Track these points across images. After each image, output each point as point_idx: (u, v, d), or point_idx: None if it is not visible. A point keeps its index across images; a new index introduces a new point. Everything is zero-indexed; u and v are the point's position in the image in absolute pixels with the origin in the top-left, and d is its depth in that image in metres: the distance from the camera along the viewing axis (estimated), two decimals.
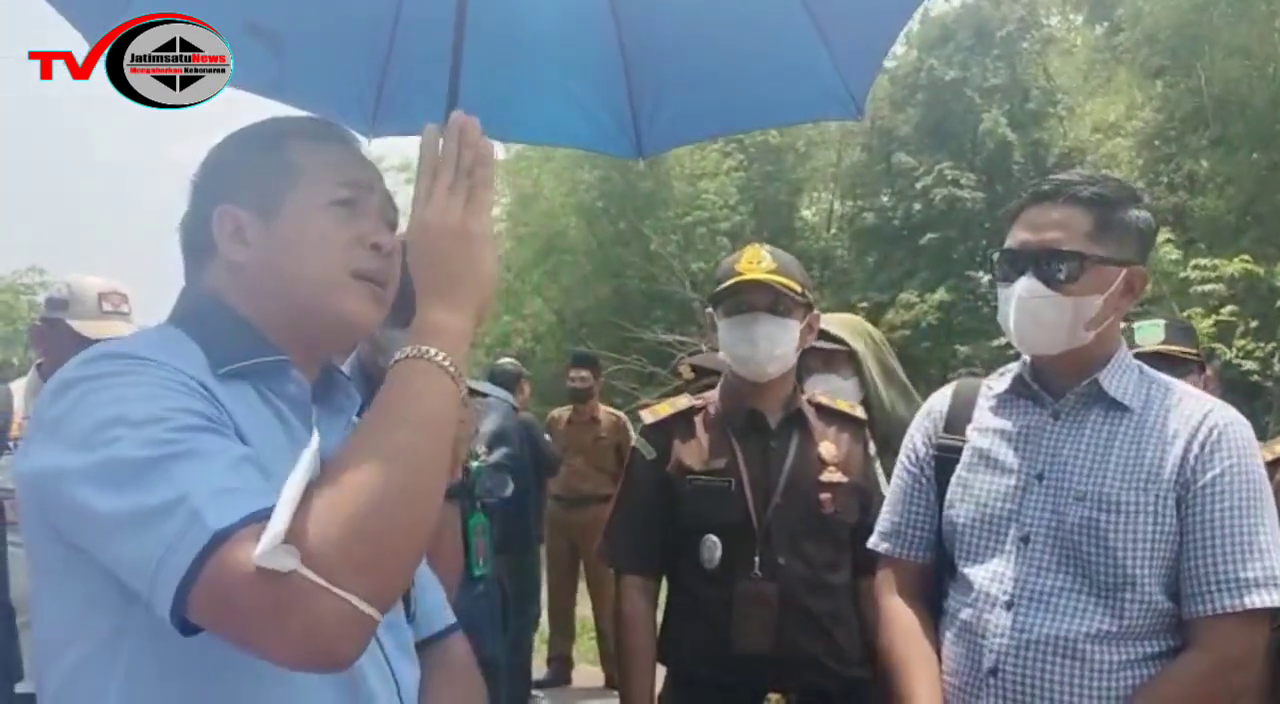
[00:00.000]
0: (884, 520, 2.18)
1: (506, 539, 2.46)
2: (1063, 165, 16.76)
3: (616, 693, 2.55)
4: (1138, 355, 2.68)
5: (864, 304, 17.91)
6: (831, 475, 2.48)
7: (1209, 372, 3.08)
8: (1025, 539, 1.90)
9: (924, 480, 2.11)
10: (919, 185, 17.85)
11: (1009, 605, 1.88)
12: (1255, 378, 11.00)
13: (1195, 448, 1.85)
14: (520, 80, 2.33)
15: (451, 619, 1.55)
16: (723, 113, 2.58)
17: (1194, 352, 3.03)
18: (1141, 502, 1.83)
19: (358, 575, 1.03)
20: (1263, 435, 2.87)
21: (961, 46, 18.71)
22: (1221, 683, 1.81)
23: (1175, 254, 12.84)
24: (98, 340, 2.90)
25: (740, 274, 2.45)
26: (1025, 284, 1.88)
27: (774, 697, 2.36)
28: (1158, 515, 1.83)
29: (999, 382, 2.09)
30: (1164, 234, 12.95)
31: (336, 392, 1.46)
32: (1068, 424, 1.95)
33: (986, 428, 2.04)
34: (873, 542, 2.20)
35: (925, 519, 2.10)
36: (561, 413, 6.96)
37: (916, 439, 2.15)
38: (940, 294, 17.03)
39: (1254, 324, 11.56)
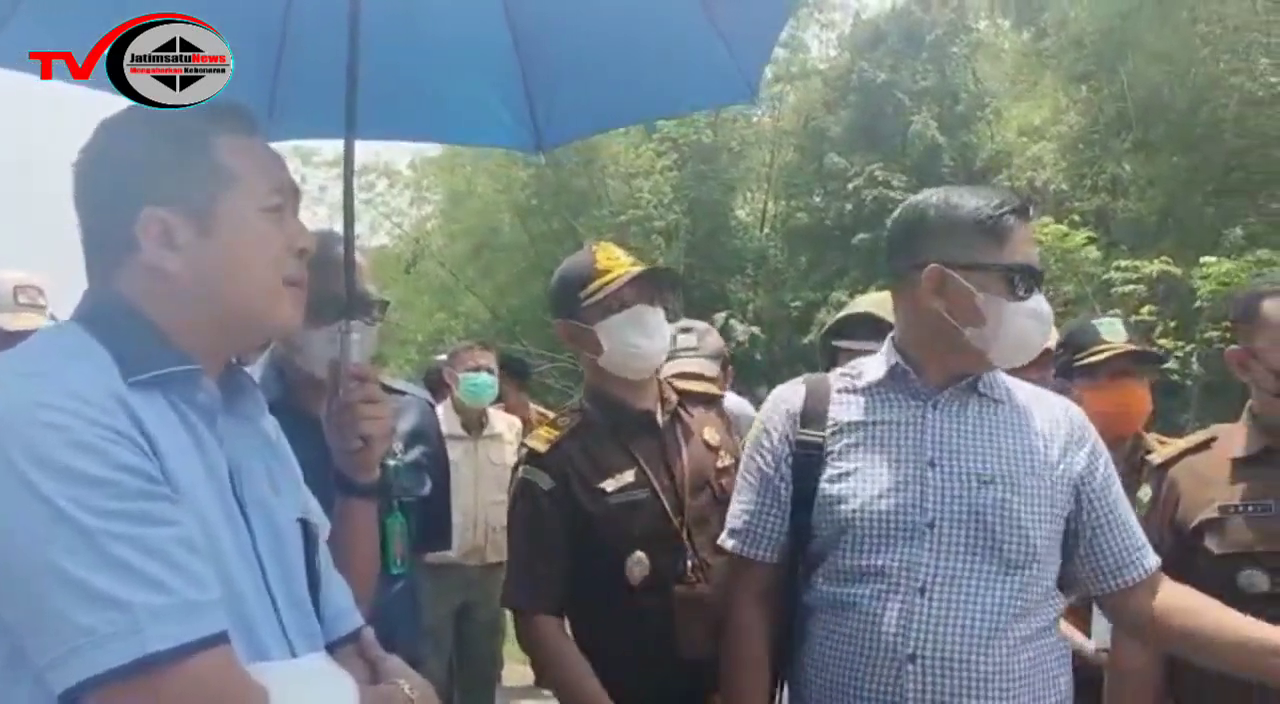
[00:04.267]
0: (735, 518, 2.16)
1: (424, 538, 2.41)
2: (990, 168, 17.04)
3: (546, 691, 2.47)
4: (1111, 357, 2.80)
5: (797, 303, 18.07)
6: (724, 460, 2.47)
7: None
8: (930, 524, 1.93)
9: (778, 478, 2.09)
10: (850, 186, 18.02)
11: (922, 590, 1.90)
12: (1174, 377, 11.27)
13: (1077, 443, 2.02)
14: (417, 80, 2.31)
15: (360, 621, 1.53)
16: (620, 103, 2.58)
17: (1152, 351, 3.07)
18: (1038, 485, 1.95)
19: None
20: (1180, 434, 2.92)
21: (892, 49, 18.93)
22: None
23: (1097, 255, 13.12)
24: (14, 333, 2.85)
25: (610, 272, 2.38)
26: (1044, 302, 1.98)
27: (716, 696, 2.29)
28: (1052, 499, 1.96)
29: (860, 375, 2.10)
30: (1087, 235, 13.24)
31: (242, 397, 1.44)
32: (947, 413, 2.01)
33: (857, 421, 2.05)
34: (721, 538, 2.19)
35: (778, 518, 2.09)
36: None
37: (773, 435, 2.12)
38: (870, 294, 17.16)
39: (1173, 324, 11.85)
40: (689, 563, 2.34)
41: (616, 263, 2.40)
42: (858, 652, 1.95)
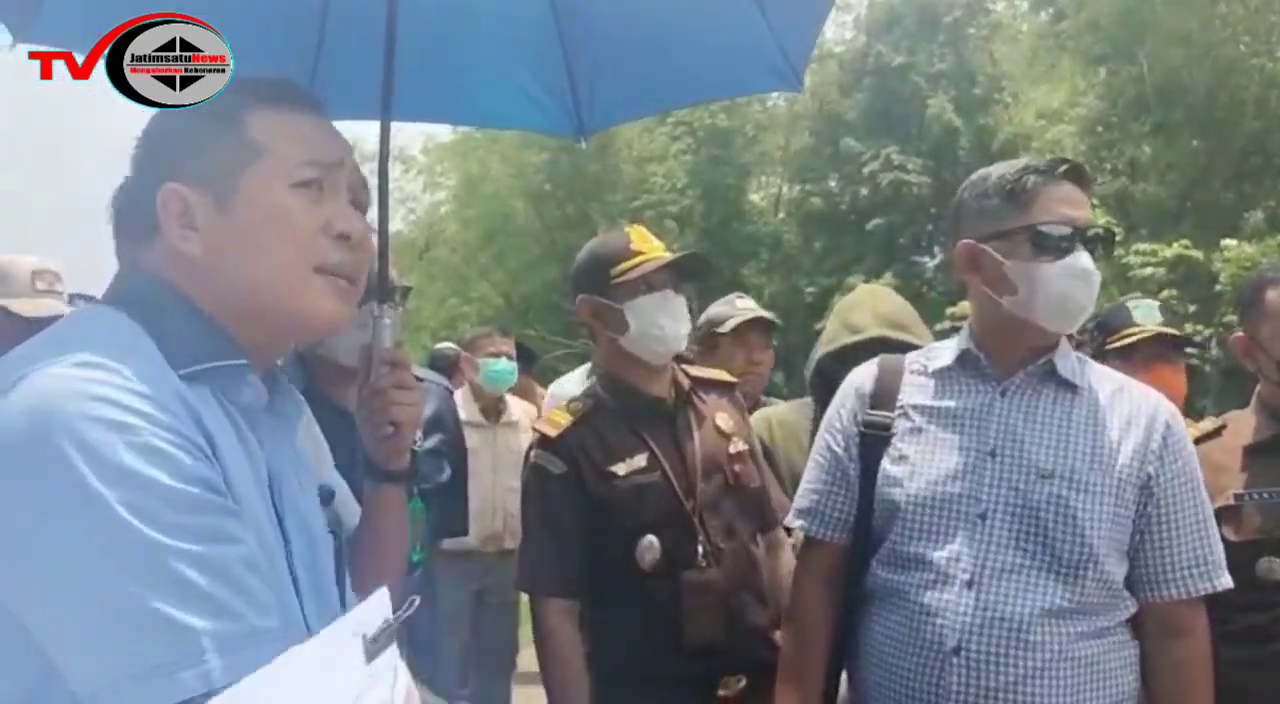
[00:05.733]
0: (804, 497, 2.15)
1: (442, 524, 2.41)
2: (1007, 151, 16.95)
3: None
4: (1143, 340, 2.77)
5: (811, 289, 18.02)
6: (737, 446, 2.46)
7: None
8: (983, 516, 1.89)
9: (848, 458, 2.08)
10: (866, 170, 17.96)
11: (970, 584, 1.87)
12: (1193, 361, 11.21)
13: (1157, 439, 1.91)
14: (459, 64, 2.29)
15: None
16: (662, 89, 2.55)
17: (1184, 335, 3.01)
18: (1106, 482, 1.87)
19: None
20: (1200, 418, 2.89)
21: (909, 32, 18.85)
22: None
23: (1116, 238, 13.05)
24: (33, 319, 2.85)
25: (644, 254, 2.40)
26: (1087, 260, 1.87)
27: (729, 679, 2.30)
28: (1119, 496, 1.86)
29: (933, 359, 2.07)
30: (1105, 219, 13.17)
31: (282, 396, 1.33)
32: (1017, 401, 1.95)
33: (924, 405, 2.02)
34: (789, 519, 2.19)
35: (846, 498, 2.08)
36: None
37: (843, 415, 2.11)
38: (886, 279, 17.16)
39: (1192, 308, 11.79)
40: (700, 548, 2.32)
41: (650, 246, 2.42)
42: (906, 641, 1.93)
